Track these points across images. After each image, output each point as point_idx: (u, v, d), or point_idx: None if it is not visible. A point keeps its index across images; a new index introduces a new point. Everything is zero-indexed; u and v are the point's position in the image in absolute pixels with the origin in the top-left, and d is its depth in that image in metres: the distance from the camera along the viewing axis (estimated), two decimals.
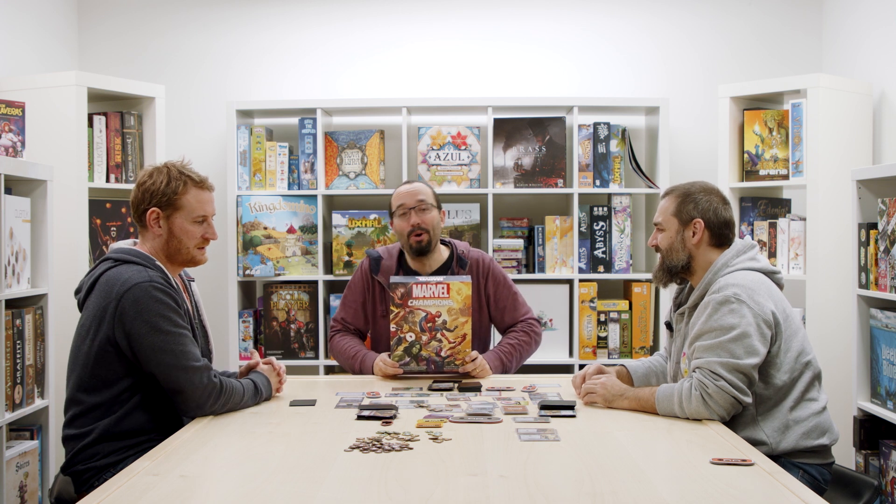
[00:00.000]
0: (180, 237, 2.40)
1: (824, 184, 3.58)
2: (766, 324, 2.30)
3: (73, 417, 2.31)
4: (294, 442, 2.10)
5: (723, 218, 2.47)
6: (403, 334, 2.84)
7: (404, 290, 2.83)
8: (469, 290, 2.83)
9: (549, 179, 4.06)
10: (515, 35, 4.33)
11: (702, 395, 2.26)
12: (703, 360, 2.29)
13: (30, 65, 3.89)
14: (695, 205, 2.47)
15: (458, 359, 2.85)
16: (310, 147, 4.05)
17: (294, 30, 4.35)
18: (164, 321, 2.26)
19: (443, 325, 2.83)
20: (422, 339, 2.84)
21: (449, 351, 2.84)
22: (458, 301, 2.82)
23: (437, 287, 2.83)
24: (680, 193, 2.51)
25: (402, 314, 2.83)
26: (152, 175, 2.40)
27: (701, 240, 2.46)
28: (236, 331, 4.04)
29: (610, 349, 4.03)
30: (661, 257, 2.54)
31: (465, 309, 2.83)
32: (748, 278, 2.36)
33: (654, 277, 2.58)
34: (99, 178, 3.68)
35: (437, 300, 2.83)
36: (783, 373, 2.33)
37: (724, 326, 2.30)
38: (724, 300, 2.32)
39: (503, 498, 1.67)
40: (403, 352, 2.84)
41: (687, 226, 2.47)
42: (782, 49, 4.29)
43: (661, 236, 2.52)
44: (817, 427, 2.34)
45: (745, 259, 2.43)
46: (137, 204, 2.41)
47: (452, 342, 2.84)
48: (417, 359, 2.85)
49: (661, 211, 2.53)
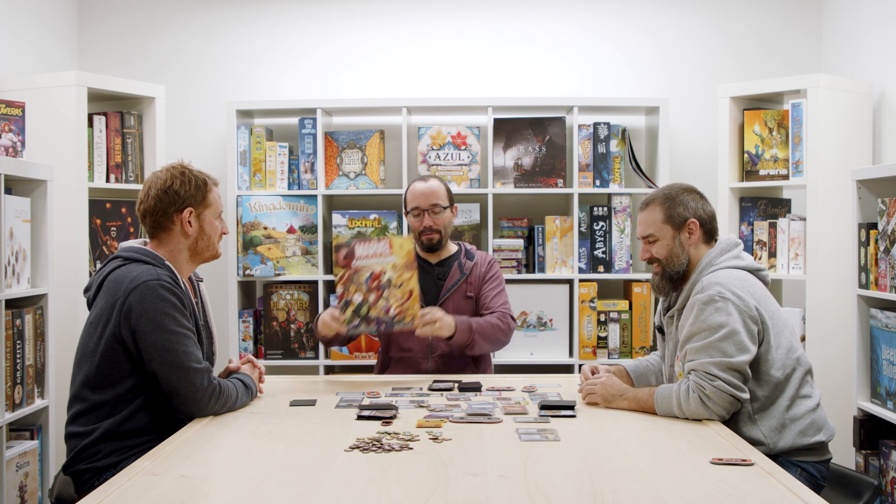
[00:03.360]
0: (209, 233, 2.48)
1: (824, 184, 3.58)
2: (752, 320, 2.31)
3: (76, 415, 2.32)
4: (294, 442, 2.11)
5: (710, 212, 2.51)
6: (350, 296, 2.78)
7: (347, 251, 2.77)
8: (411, 245, 2.79)
9: (549, 179, 4.06)
10: (515, 35, 4.33)
11: (700, 397, 2.26)
12: (697, 363, 2.30)
13: (30, 65, 3.89)
14: (684, 206, 2.48)
15: (407, 316, 2.79)
16: (310, 147, 4.05)
17: (294, 30, 4.35)
18: (168, 320, 2.26)
19: (388, 282, 2.77)
20: (369, 299, 2.78)
21: (398, 308, 2.78)
22: (401, 256, 2.77)
23: (380, 244, 2.77)
24: (663, 199, 2.50)
25: (347, 275, 2.77)
26: (174, 178, 2.42)
27: (697, 238, 2.47)
28: (236, 331, 4.04)
29: (610, 349, 4.03)
30: (658, 267, 2.52)
31: (410, 263, 2.78)
32: (731, 276, 2.37)
33: (655, 288, 2.56)
34: (99, 178, 3.68)
35: (380, 258, 2.77)
36: (776, 369, 2.33)
37: (712, 326, 2.30)
38: (708, 300, 2.32)
39: (503, 498, 1.67)
40: (352, 314, 2.78)
41: (681, 229, 2.47)
42: (782, 49, 4.29)
43: (657, 247, 2.50)
44: (813, 424, 2.35)
45: (729, 257, 2.44)
46: (165, 207, 2.41)
47: (400, 298, 2.78)
48: (367, 320, 2.79)
49: (649, 223, 2.51)
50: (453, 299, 3.17)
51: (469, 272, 3.21)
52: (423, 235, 3.17)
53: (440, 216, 3.17)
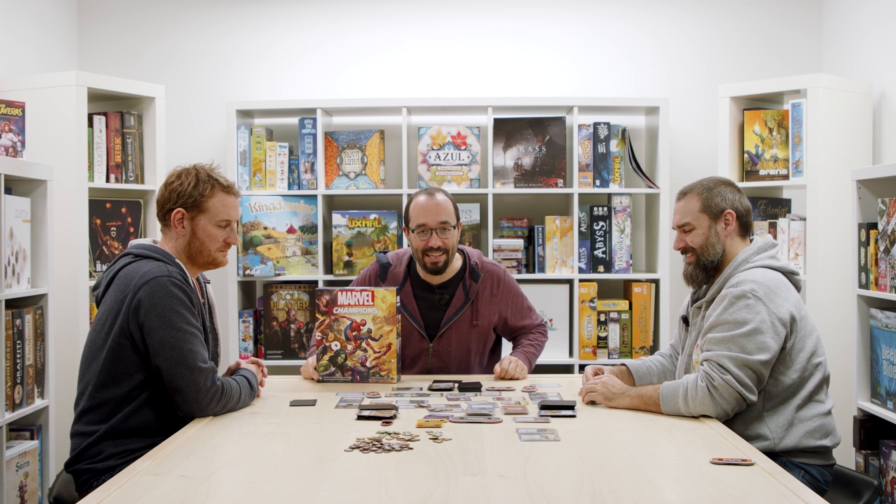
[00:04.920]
0: (203, 239, 2.43)
1: (824, 184, 3.58)
2: (781, 322, 2.31)
3: (82, 412, 2.31)
4: (294, 442, 2.11)
5: (746, 206, 2.53)
6: (329, 343, 2.81)
7: (329, 298, 2.79)
8: (393, 299, 2.78)
9: (549, 179, 4.06)
10: (515, 35, 4.33)
11: (707, 386, 2.26)
12: (713, 353, 2.30)
13: (30, 65, 3.89)
14: (722, 198, 2.49)
15: (383, 370, 2.80)
16: (310, 147, 4.05)
17: (294, 30, 4.35)
18: (177, 317, 2.26)
19: (368, 333, 2.79)
20: (347, 349, 2.80)
21: (374, 361, 2.80)
22: (382, 309, 2.77)
23: (363, 295, 2.78)
24: (701, 190, 2.52)
25: (328, 322, 2.80)
26: (181, 176, 2.43)
27: (732, 230, 2.49)
28: (236, 331, 4.04)
29: (610, 349, 4.03)
30: (692, 257, 2.52)
31: (390, 317, 2.78)
32: (767, 276, 2.36)
33: (688, 278, 2.55)
34: (99, 178, 3.68)
35: (362, 308, 2.78)
36: (794, 371, 2.33)
37: (737, 321, 2.30)
38: (740, 294, 2.32)
39: (503, 498, 1.67)
40: (329, 361, 2.81)
41: (718, 219, 2.49)
42: (782, 49, 4.29)
43: (692, 236, 2.51)
44: (821, 428, 2.34)
45: (765, 257, 2.44)
46: (163, 203, 2.43)
47: (378, 352, 2.79)
48: (342, 368, 2.81)
49: (686, 212, 2.52)
50: (456, 327, 3.02)
51: (475, 297, 3.02)
52: (428, 257, 2.93)
53: (448, 235, 2.92)
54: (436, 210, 2.92)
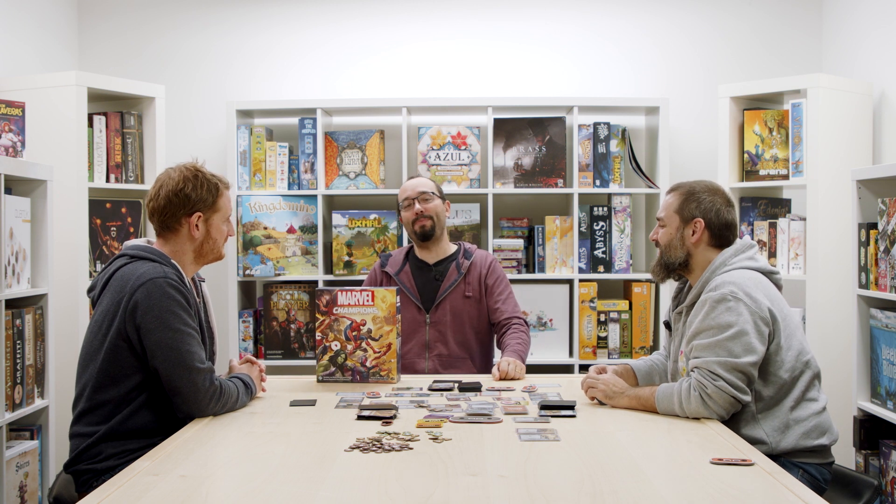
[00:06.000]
0: (216, 237, 2.48)
1: (824, 184, 3.58)
2: (764, 321, 2.30)
3: (81, 414, 2.31)
4: (294, 442, 2.10)
5: (724, 220, 2.47)
6: (329, 343, 2.81)
7: (329, 298, 2.80)
8: (393, 299, 2.79)
9: (549, 179, 4.06)
10: (515, 35, 4.33)
11: (701, 395, 2.26)
12: (702, 360, 2.29)
13: (30, 65, 3.89)
14: (697, 204, 2.47)
15: (383, 370, 2.81)
16: (310, 147, 4.05)
17: (294, 30, 4.35)
18: (174, 318, 2.26)
19: (367, 333, 2.80)
20: (347, 349, 2.81)
21: (374, 361, 2.80)
22: (382, 309, 2.79)
23: (363, 295, 2.79)
24: (685, 191, 2.51)
25: (328, 322, 2.81)
26: (186, 180, 2.41)
27: (700, 239, 2.47)
28: (236, 331, 4.04)
29: (610, 349, 4.03)
30: (659, 252, 2.54)
31: (390, 317, 2.79)
32: (745, 276, 2.36)
33: (651, 272, 2.60)
34: (99, 178, 3.68)
35: (362, 308, 2.79)
36: (784, 371, 2.33)
37: (721, 325, 2.29)
38: (720, 298, 2.32)
39: (503, 498, 1.67)
40: (329, 361, 2.82)
41: (687, 224, 2.48)
42: (782, 49, 4.29)
43: (662, 232, 2.52)
44: (817, 427, 2.34)
45: (743, 258, 2.43)
46: (174, 209, 2.41)
47: (377, 352, 2.80)
48: (342, 369, 2.82)
49: (665, 206, 2.54)
50: (451, 299, 3.20)
51: (467, 272, 3.23)
52: (416, 224, 3.22)
53: (430, 203, 3.23)
54: (414, 184, 3.30)
